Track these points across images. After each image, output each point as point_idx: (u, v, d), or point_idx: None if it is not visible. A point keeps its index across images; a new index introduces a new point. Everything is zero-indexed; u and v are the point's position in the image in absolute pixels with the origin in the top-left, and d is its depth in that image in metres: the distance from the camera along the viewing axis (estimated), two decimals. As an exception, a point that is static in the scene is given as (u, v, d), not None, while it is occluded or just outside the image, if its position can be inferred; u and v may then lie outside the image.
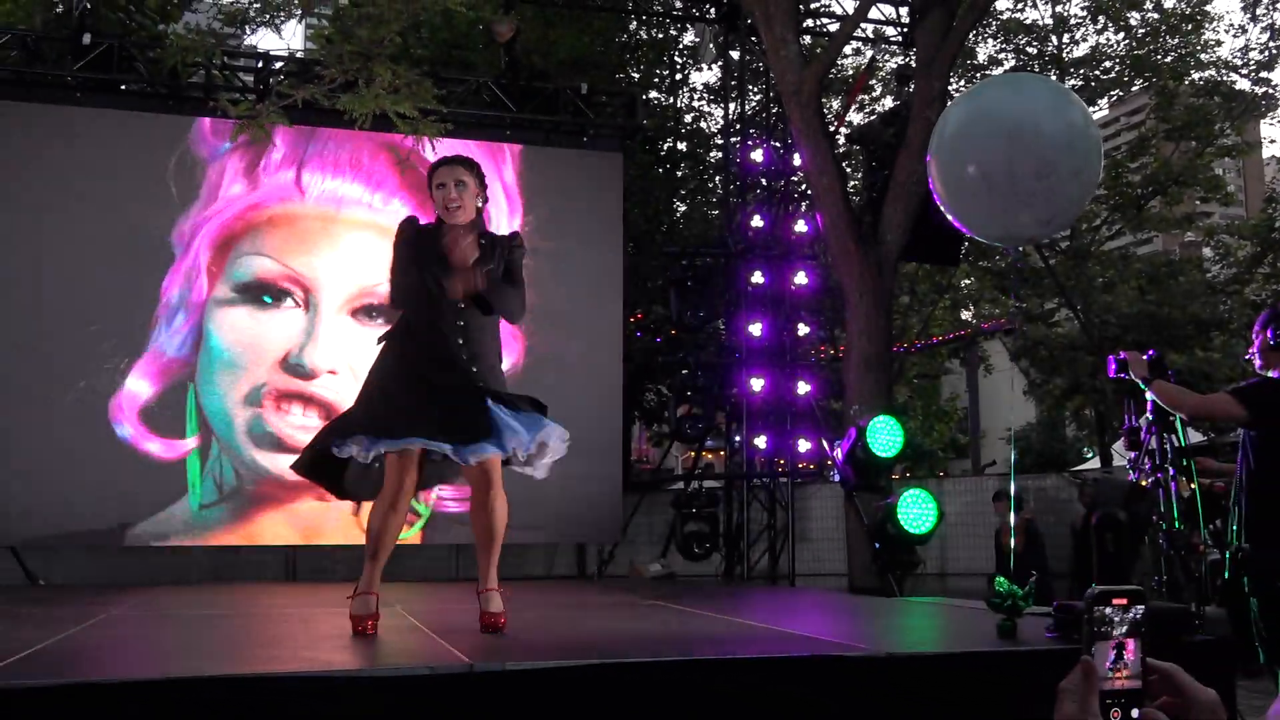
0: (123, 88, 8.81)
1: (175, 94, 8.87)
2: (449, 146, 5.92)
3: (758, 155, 10.28)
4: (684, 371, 10.05)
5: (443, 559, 9.91)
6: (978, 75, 17.41)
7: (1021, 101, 4.54)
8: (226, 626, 4.20)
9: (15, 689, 2.81)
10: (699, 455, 10.57)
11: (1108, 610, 1.06)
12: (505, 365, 4.45)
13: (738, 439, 10.02)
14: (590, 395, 9.29)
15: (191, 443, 8.49)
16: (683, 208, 16.78)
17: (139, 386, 8.43)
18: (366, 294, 8.75)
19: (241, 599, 6.30)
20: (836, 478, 8.66)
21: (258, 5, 7.25)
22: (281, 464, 8.51)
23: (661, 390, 11.43)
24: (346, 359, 8.65)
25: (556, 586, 8.31)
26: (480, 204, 4.30)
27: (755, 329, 9.75)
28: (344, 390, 8.48)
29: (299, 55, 10.62)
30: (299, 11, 7.83)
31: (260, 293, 8.67)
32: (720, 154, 13.78)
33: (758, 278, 9.87)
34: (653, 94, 16.05)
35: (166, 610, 5.62)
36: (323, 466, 4.12)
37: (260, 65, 9.09)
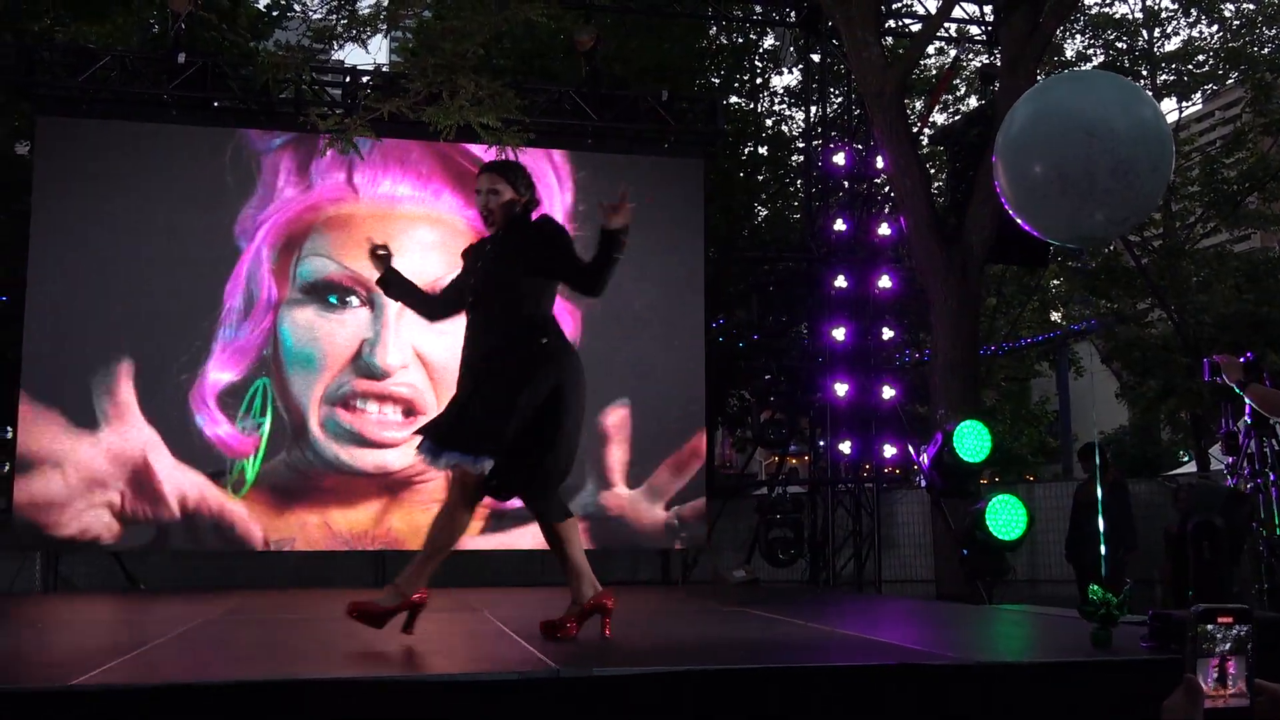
0: (215, 104, 9.05)
1: (266, 110, 9.09)
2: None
3: (840, 158, 10.21)
4: (767, 377, 10.02)
5: (523, 562, 9.99)
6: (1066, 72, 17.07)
7: (1092, 98, 4.42)
8: (318, 631, 4.29)
9: (122, 689, 2.90)
10: (782, 461, 10.52)
11: (1211, 628, 1.03)
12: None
13: (822, 444, 9.95)
14: (673, 401, 9.30)
15: (257, 441, 8.70)
16: (764, 212, 16.72)
17: (218, 377, 8.66)
18: (427, 288, 8.88)
19: (333, 603, 6.43)
20: (923, 483, 8.55)
21: (345, 21, 7.38)
22: (366, 460, 8.69)
23: (744, 395, 11.39)
24: (416, 353, 8.85)
25: (641, 592, 8.32)
26: (519, 208, 4.23)
27: (839, 333, 9.68)
28: (420, 384, 8.67)
29: (385, 69, 10.81)
30: (385, 26, 7.96)
31: (325, 293, 8.87)
32: (801, 157, 13.70)
33: (841, 282, 9.79)
34: (733, 99, 16.02)
35: (260, 614, 5.74)
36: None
37: (348, 80, 9.27)
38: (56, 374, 8.41)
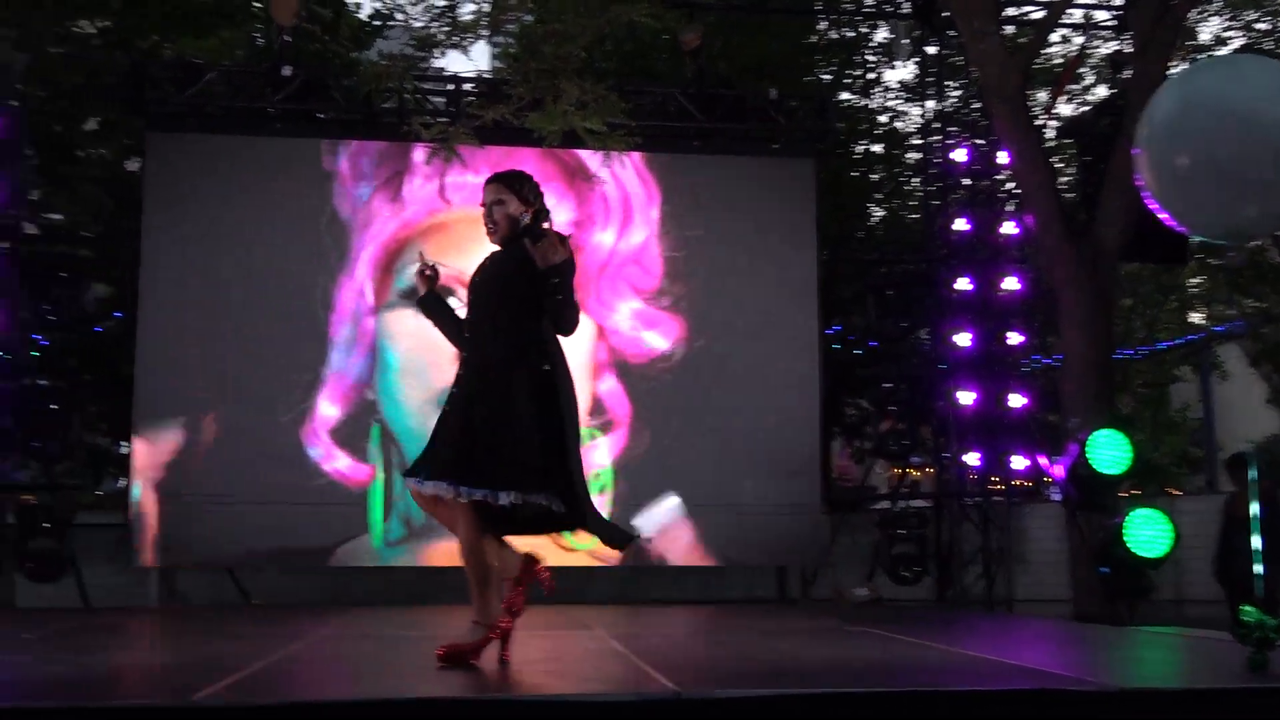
0: (320, 116, 9.30)
1: (370, 120, 9.31)
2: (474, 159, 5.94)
3: (959, 154, 10.06)
4: (886, 384, 9.90)
5: (629, 578, 10.02)
6: (1201, 58, 16.54)
7: (1243, 84, 4.27)
8: (431, 648, 4.35)
9: (242, 707, 2.99)
10: (905, 472, 10.38)
11: None
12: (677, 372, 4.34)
13: (946, 455, 9.79)
14: (787, 410, 9.25)
15: (373, 472, 8.85)
16: (880, 213, 16.51)
17: (328, 411, 8.85)
18: None
19: (446, 620, 6.53)
20: (1057, 496, 8.35)
21: (447, 28, 7.53)
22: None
23: (862, 404, 11.24)
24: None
25: (757, 611, 8.29)
26: (526, 219, 4.18)
27: (962, 338, 9.53)
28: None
29: (487, 76, 10.99)
30: (487, 32, 8.08)
31: (424, 295, 9.04)
32: (919, 155, 13.51)
33: (963, 284, 9.65)
34: (844, 95, 15.86)
35: (372, 631, 5.87)
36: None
37: (451, 87, 9.44)
38: (169, 390, 8.73)
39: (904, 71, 15.63)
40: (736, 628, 6.23)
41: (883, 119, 16.70)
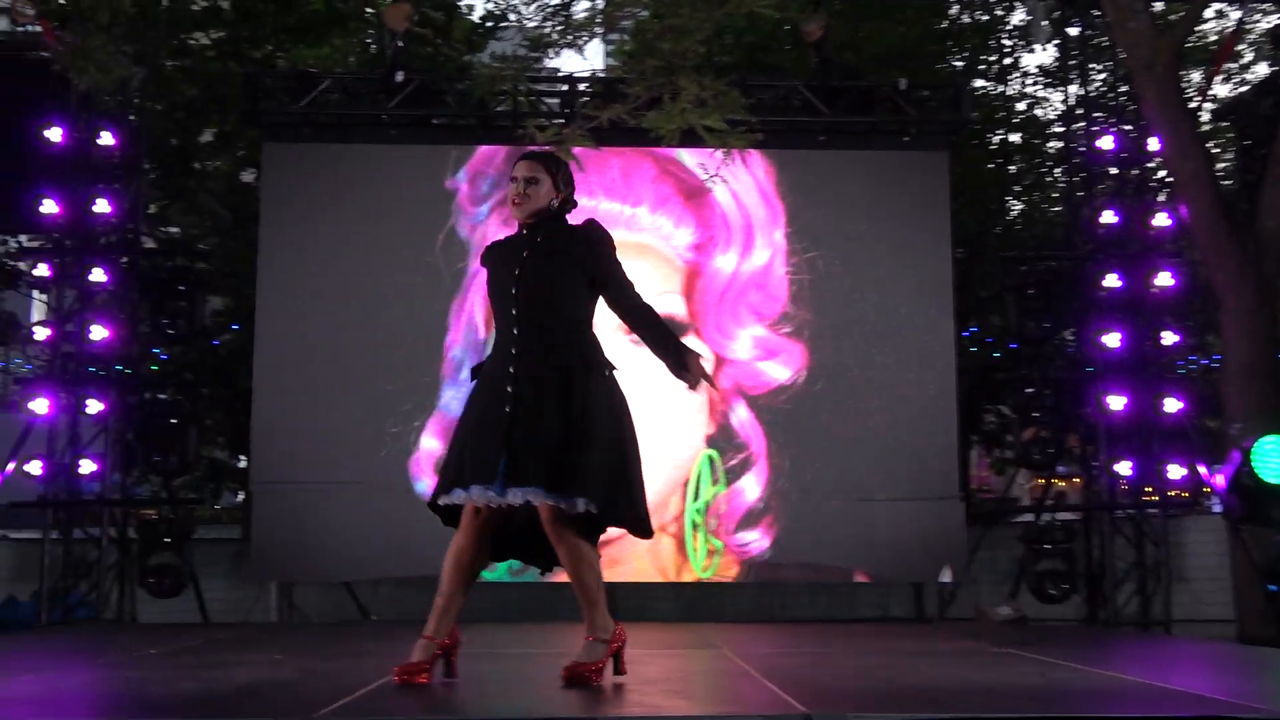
0: (434, 121, 9.51)
1: (484, 124, 9.48)
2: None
3: (1106, 142, 9.82)
4: (1028, 389, 9.70)
5: (758, 596, 9.99)
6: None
7: None
8: (552, 667, 4.40)
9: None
10: (1049, 483, 10.15)
11: None
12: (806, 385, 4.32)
13: (1095, 464, 9.55)
14: (921, 418, 9.12)
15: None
16: (1019, 206, 16.19)
17: (432, 445, 8.90)
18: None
19: (565, 638, 6.60)
20: (1218, 508, 8.08)
21: (561, 27, 7.61)
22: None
23: (1002, 411, 11.03)
24: (627, 381, 8.92)
25: (892, 630, 8.19)
26: (555, 204, 4.19)
27: (1111, 339, 9.29)
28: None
29: (602, 75, 11.09)
30: (601, 29, 8.16)
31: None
32: (1061, 143, 13.22)
33: (1111, 281, 9.41)
34: (979, 83, 15.59)
35: (491, 648, 5.95)
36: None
37: (565, 88, 9.56)
38: (286, 403, 8.99)
39: (1044, 55, 15.33)
40: (871, 648, 6.17)
41: (1021, 106, 16.36)
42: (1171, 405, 9.18)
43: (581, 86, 9.63)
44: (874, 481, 9.03)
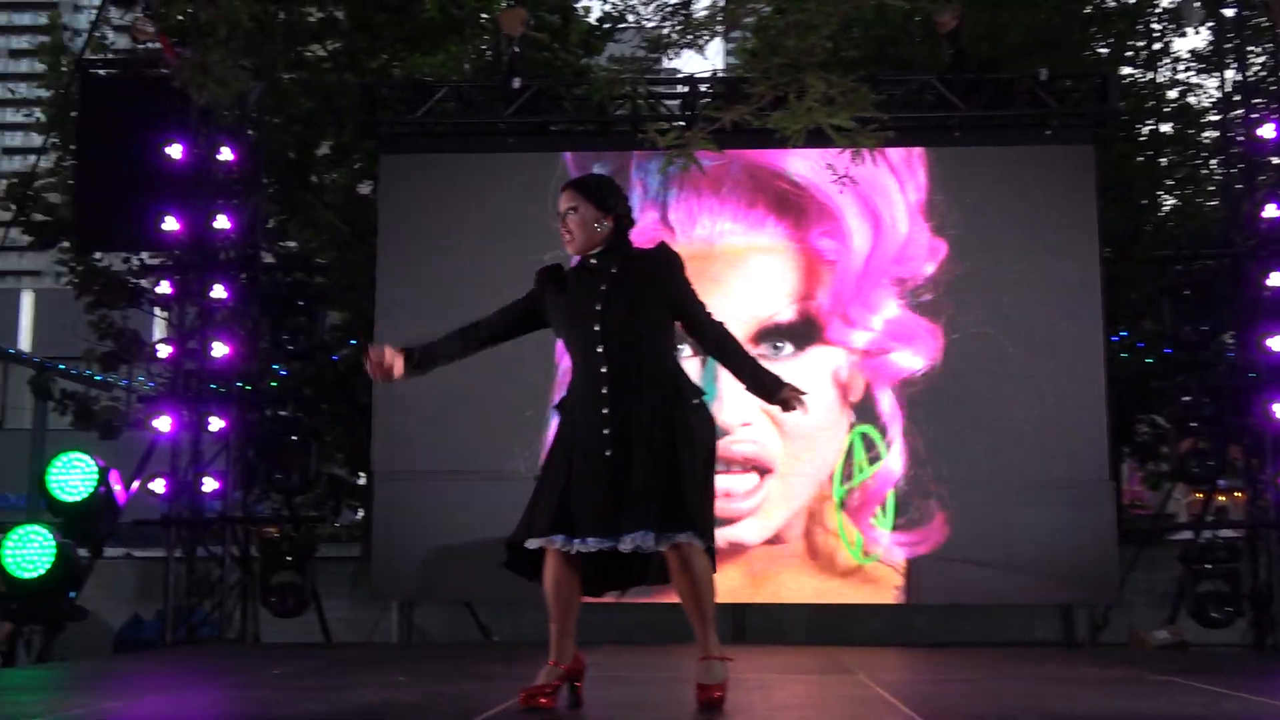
0: (552, 128, 9.62)
1: (603, 129, 9.57)
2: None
3: (1267, 130, 9.45)
4: (1185, 398, 9.40)
5: (894, 617, 9.87)
6: None
7: None
8: (679, 690, 4.41)
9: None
10: (1209, 498, 9.83)
11: None
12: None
13: (1262, 478, 9.21)
14: (1069, 430, 8.91)
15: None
16: (1172, 201, 15.77)
17: None
18: (763, 323, 8.97)
19: (690, 660, 6.61)
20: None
21: (680, 27, 7.64)
22: (719, 539, 8.81)
23: (1157, 421, 10.75)
24: (757, 403, 8.83)
25: (1039, 656, 8.01)
26: (605, 226, 4.17)
27: (1276, 343, 8.95)
28: (765, 439, 8.67)
29: (724, 75, 11.11)
30: (723, 28, 8.16)
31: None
32: (1217, 133, 12.83)
33: (1276, 279, 9.06)
34: (1126, 70, 15.24)
35: (616, 670, 5.99)
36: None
37: (686, 89, 9.59)
38: (407, 418, 9.15)
39: (1197, 38, 14.91)
40: (1017, 674, 6.04)
41: (1173, 94, 15.95)
42: (1346, 413, 8.82)
43: (703, 87, 9.65)
44: (1019, 497, 8.84)
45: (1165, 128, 15.65)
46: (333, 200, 13.38)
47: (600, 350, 4.07)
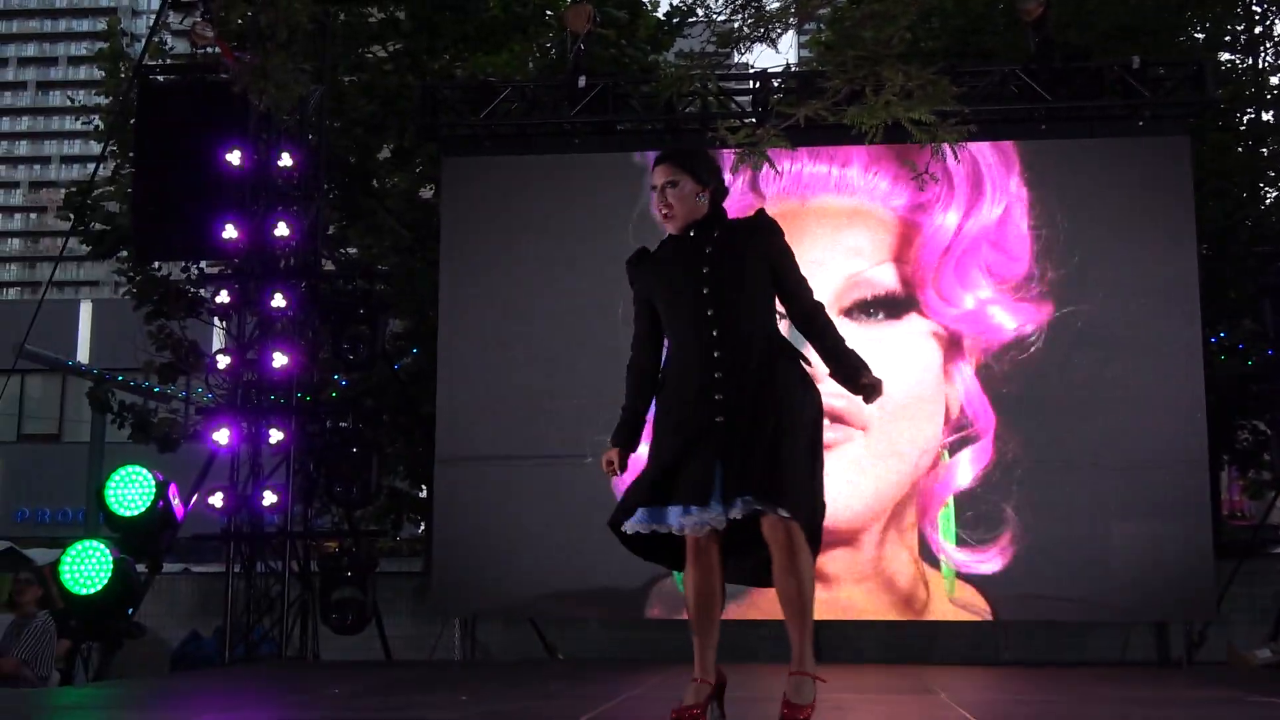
0: (619, 127, 9.66)
1: (672, 127, 9.59)
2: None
3: (1376, 118, 9.29)
4: (1289, 402, 9.25)
5: (976, 635, 9.77)
6: None
7: None
8: (761, 711, 4.40)
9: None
10: (1318, 509, 9.64)
11: None
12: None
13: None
14: (1164, 436, 8.78)
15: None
16: (1273, 194, 15.47)
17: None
18: (857, 285, 8.91)
19: (771, 680, 6.59)
20: None
21: (751, 20, 7.64)
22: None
23: (1258, 427, 10.54)
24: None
25: (1133, 675, 7.90)
26: (705, 199, 4.18)
27: (1387, 343, 8.78)
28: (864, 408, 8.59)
29: (796, 69, 11.09)
30: (796, 20, 8.15)
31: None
32: (1322, 121, 12.58)
33: (1385, 276, 8.90)
34: (1224, 56, 14.99)
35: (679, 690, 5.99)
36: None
37: (757, 85, 9.58)
38: (470, 429, 9.24)
39: (1300, 22, 14.61)
40: (1108, 695, 5.97)
41: (1274, 81, 15.66)
42: None
43: (775, 82, 9.65)
44: (1112, 506, 8.74)
45: (1266, 116, 15.36)
46: (394, 205, 13.53)
47: (709, 318, 4.08)
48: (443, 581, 9.23)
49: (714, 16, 9.20)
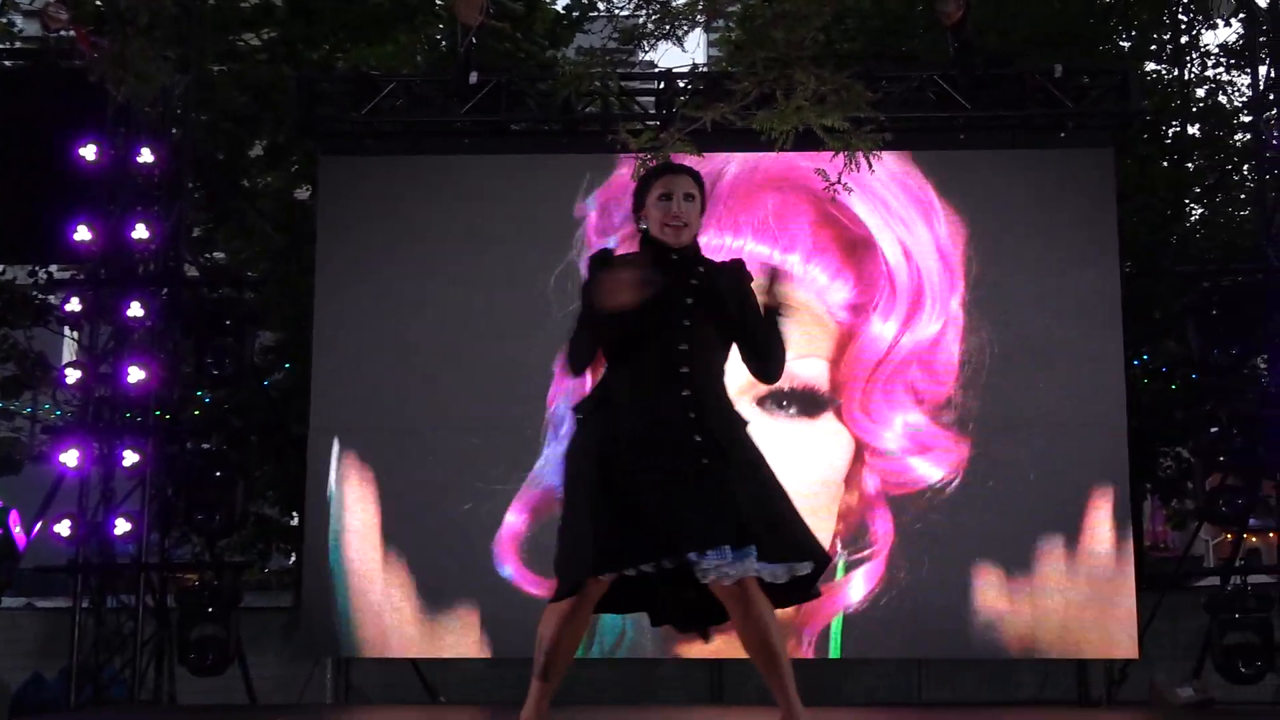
0: (513, 127, 9.67)
1: (570, 129, 9.63)
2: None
3: (1304, 134, 9.65)
4: (1213, 429, 9.52)
5: (892, 677, 9.92)
6: None
7: None
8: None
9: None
10: (1239, 540, 9.94)
11: None
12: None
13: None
14: (1083, 463, 9.00)
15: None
16: (1199, 211, 15.95)
17: (516, 522, 8.91)
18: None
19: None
20: None
21: (657, 16, 7.71)
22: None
23: (1182, 454, 10.84)
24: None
25: (1053, 715, 8.08)
26: (700, 222, 4.31)
27: (1314, 368, 9.10)
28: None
29: (704, 70, 11.20)
30: (704, 18, 8.24)
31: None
32: (1249, 135, 13.01)
33: (1314, 298, 9.22)
34: (1150, 65, 15.44)
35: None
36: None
37: (662, 86, 9.66)
38: (347, 452, 9.15)
39: (1227, 31, 15.09)
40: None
41: (1201, 93, 16.16)
42: (1390, 447, 8.96)
43: (681, 83, 9.73)
44: (1030, 536, 8.91)
45: (1193, 129, 15.82)
46: (266, 207, 13.38)
47: (684, 350, 4.09)
48: (313, 617, 9.11)
49: (616, 11, 9.28)
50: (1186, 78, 16.00)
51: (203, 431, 9.93)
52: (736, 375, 4.26)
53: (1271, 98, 10.14)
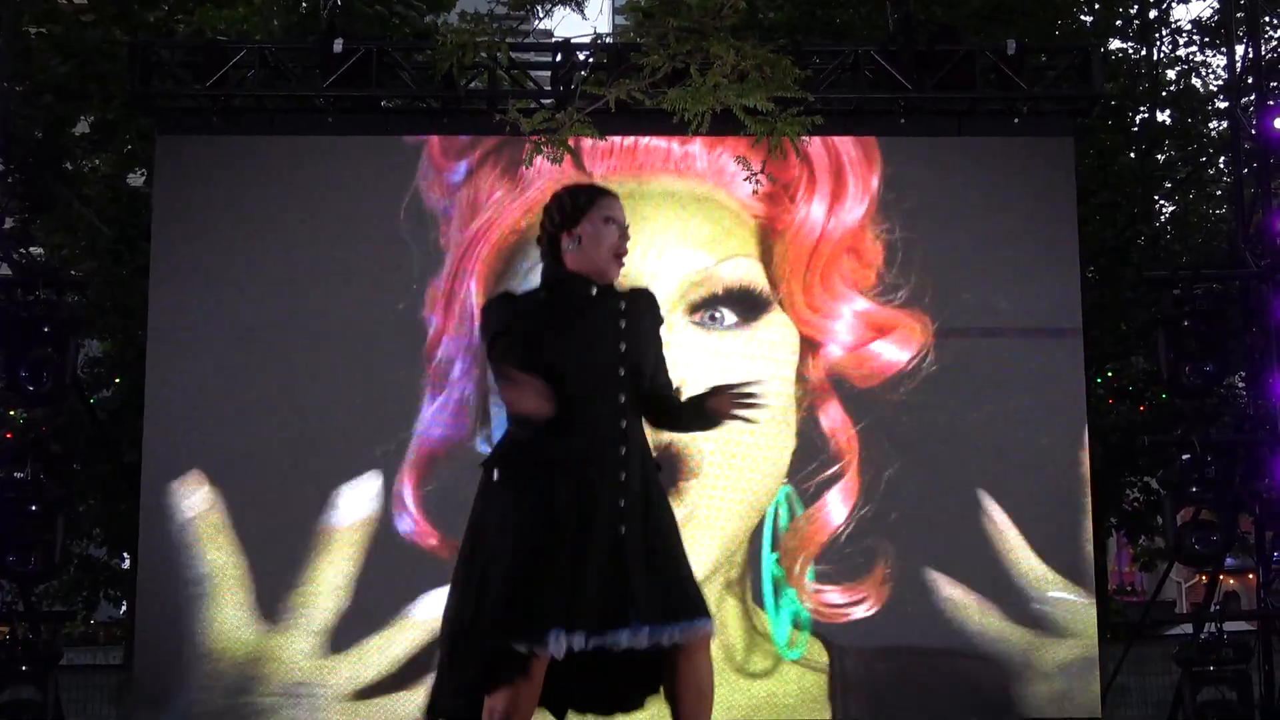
0: (384, 105, 9.61)
1: (450, 107, 9.58)
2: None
3: (1283, 121, 9.85)
4: (1185, 456, 9.67)
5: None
6: None
7: None
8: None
9: None
10: (1215, 583, 10.12)
11: None
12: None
13: (1277, 557, 9.52)
14: (1040, 495, 9.12)
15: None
16: (1170, 208, 16.26)
17: (410, 478, 8.99)
18: (698, 284, 8.97)
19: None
20: None
21: (554, -22, 7.72)
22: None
23: (1150, 485, 11.02)
24: (692, 382, 8.90)
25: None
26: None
27: (1297, 388, 9.29)
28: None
29: (608, 41, 11.24)
30: (607, -20, 8.27)
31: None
32: (1224, 124, 13.29)
33: (1296, 308, 9.41)
34: (1116, 44, 15.74)
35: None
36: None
37: (558, 58, 9.66)
38: (188, 481, 9.02)
39: (1199, 6, 15.40)
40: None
41: (1171, 75, 16.49)
42: (1381, 477, 9.16)
43: (580, 55, 9.73)
44: (982, 572, 8.99)
45: (1162, 116, 16.13)
46: (93, 194, 13.20)
47: (621, 401, 4.11)
48: (148, 676, 8.98)
49: (507, -29, 9.28)
50: (1155, 57, 16.32)
51: (16, 458, 9.73)
52: (666, 283, 4.32)
53: (1250, 80, 10.33)
